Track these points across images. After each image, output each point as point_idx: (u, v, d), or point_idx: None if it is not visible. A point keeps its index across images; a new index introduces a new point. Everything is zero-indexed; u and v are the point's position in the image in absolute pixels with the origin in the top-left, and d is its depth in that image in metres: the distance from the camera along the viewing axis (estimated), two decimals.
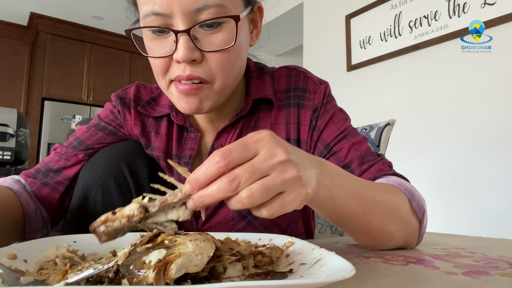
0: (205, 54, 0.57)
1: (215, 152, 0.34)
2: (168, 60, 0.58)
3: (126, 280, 0.31)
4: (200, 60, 0.56)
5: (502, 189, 1.84)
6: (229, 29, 0.57)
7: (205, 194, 0.34)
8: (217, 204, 0.71)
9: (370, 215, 0.50)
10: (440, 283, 0.37)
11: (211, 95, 0.60)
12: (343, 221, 0.50)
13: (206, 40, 0.56)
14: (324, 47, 2.94)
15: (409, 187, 0.59)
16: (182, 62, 0.56)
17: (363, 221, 0.50)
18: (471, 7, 2.01)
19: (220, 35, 0.56)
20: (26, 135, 2.33)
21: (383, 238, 0.54)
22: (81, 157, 0.72)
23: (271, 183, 0.34)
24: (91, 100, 4.95)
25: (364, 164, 0.64)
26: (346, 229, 0.53)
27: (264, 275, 0.37)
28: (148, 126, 0.75)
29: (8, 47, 4.75)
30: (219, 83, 0.59)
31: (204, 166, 0.34)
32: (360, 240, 0.56)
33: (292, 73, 0.74)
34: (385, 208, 0.52)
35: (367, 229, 0.52)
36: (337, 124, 0.68)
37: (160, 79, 0.61)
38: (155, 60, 0.59)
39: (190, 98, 0.59)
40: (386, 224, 0.53)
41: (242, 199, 0.33)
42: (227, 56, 0.58)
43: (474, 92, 1.98)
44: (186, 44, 0.54)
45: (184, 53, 0.54)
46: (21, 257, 0.38)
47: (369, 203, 0.50)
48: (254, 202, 0.33)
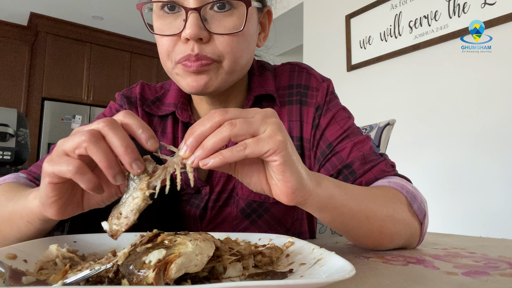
0: (213, 35, 0.57)
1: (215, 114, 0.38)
2: (176, 39, 0.58)
3: (126, 280, 0.31)
4: (207, 40, 0.57)
5: (502, 189, 1.84)
6: (239, 14, 0.58)
7: (195, 125, 0.37)
8: (222, 203, 0.71)
9: (371, 217, 0.51)
10: (440, 283, 0.37)
11: (220, 73, 0.60)
12: (345, 223, 0.50)
13: (216, 22, 0.57)
14: (324, 47, 2.94)
15: (410, 189, 0.59)
16: (190, 39, 0.56)
17: (364, 223, 0.51)
18: (471, 7, 2.01)
19: (229, 19, 0.57)
20: (26, 135, 2.33)
21: (384, 240, 0.54)
22: None
23: (253, 119, 0.38)
24: (91, 100, 4.95)
25: (366, 165, 0.64)
26: (349, 233, 0.53)
27: (264, 275, 0.37)
28: (154, 125, 0.75)
29: (8, 47, 4.75)
30: (228, 62, 0.59)
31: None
32: (361, 243, 0.56)
33: (295, 69, 0.74)
34: (386, 210, 0.52)
35: (368, 231, 0.52)
36: (340, 123, 0.68)
37: (166, 60, 0.61)
38: (162, 39, 0.59)
39: (199, 75, 0.59)
40: (387, 226, 0.53)
41: (225, 125, 0.36)
42: (235, 40, 0.58)
43: (474, 92, 1.98)
44: (195, 21, 0.55)
45: (193, 29, 0.54)
46: (21, 257, 0.38)
47: (370, 205, 0.51)
48: (233, 129, 0.36)
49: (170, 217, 0.73)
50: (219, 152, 0.37)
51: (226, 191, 0.71)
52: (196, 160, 0.37)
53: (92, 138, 0.35)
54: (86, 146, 0.35)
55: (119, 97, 0.77)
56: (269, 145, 0.37)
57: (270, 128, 0.38)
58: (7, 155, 2.21)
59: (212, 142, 0.36)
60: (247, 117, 0.38)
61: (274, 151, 0.37)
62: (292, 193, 0.40)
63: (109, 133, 0.36)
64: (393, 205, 0.54)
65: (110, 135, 0.36)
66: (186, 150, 0.37)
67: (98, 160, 0.36)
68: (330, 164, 0.66)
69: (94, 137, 0.36)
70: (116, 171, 0.37)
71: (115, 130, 0.36)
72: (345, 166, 0.64)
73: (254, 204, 0.70)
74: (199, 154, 0.37)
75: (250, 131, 0.37)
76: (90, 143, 0.35)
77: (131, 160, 0.36)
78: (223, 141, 0.36)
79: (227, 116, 0.37)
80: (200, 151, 0.37)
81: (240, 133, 0.36)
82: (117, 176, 0.37)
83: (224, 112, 0.37)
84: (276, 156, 0.37)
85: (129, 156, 0.36)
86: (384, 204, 0.53)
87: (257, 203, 0.70)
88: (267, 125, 0.38)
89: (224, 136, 0.36)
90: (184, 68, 0.58)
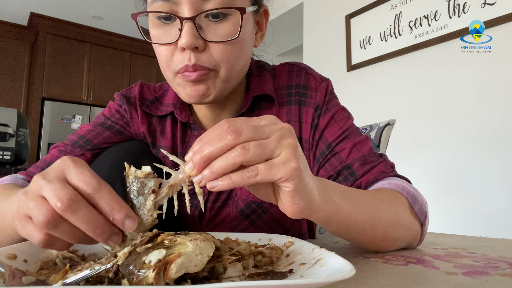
0: (208, 44, 0.57)
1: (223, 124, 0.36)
2: (173, 48, 0.58)
3: (126, 280, 0.31)
4: (203, 48, 0.57)
5: (502, 189, 1.84)
6: (234, 22, 0.57)
7: (204, 144, 0.35)
8: (220, 204, 0.71)
9: (376, 225, 0.51)
10: (440, 283, 0.37)
11: (217, 82, 0.60)
12: (350, 233, 0.50)
13: (211, 30, 0.57)
14: (324, 47, 2.94)
15: (411, 191, 0.59)
16: (186, 49, 0.56)
17: (369, 232, 0.51)
18: (471, 7, 2.01)
19: (224, 27, 0.57)
20: (26, 135, 2.33)
21: (387, 244, 0.55)
22: (89, 156, 0.71)
23: (267, 142, 0.36)
24: (91, 100, 4.95)
25: (366, 165, 0.64)
26: (353, 240, 0.53)
27: (264, 275, 0.37)
28: (153, 125, 0.75)
29: (8, 47, 4.75)
30: (224, 71, 0.59)
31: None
32: (363, 247, 0.57)
33: (294, 69, 0.74)
34: (389, 216, 0.53)
35: (372, 238, 0.52)
36: (339, 123, 0.68)
37: (166, 69, 0.61)
38: (159, 48, 0.59)
39: (197, 85, 0.59)
40: (390, 232, 0.53)
41: (237, 150, 0.34)
42: (230, 48, 0.58)
43: (474, 92, 1.98)
44: (190, 31, 0.54)
45: (188, 39, 0.54)
46: (21, 257, 0.38)
47: (374, 214, 0.51)
48: (246, 155, 0.34)
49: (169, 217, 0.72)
50: (228, 176, 0.35)
51: (225, 192, 0.71)
52: (204, 180, 0.35)
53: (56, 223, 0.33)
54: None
55: (118, 97, 0.77)
56: (282, 173, 0.35)
57: (284, 153, 0.36)
58: (7, 155, 2.21)
59: (223, 166, 0.34)
60: (262, 137, 0.36)
61: (286, 179, 0.35)
62: (298, 212, 0.39)
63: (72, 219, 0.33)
64: (396, 210, 0.54)
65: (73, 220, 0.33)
66: (193, 169, 0.35)
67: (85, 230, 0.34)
68: (330, 164, 0.66)
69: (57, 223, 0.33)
70: (107, 236, 0.35)
71: (74, 216, 0.33)
72: (344, 167, 0.64)
73: (253, 204, 0.70)
74: (207, 175, 0.35)
75: (264, 156, 0.35)
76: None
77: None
78: (233, 166, 0.34)
79: (240, 139, 0.34)
80: (208, 172, 0.35)
81: (253, 159, 0.35)
82: (112, 237, 0.35)
83: (236, 132, 0.35)
84: (288, 183, 0.36)
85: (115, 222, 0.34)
86: (387, 210, 0.53)
87: (256, 204, 0.70)
88: (282, 148, 0.36)
89: (236, 162, 0.34)
90: (183, 78, 0.58)
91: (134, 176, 0.36)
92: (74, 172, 0.35)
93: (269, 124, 0.37)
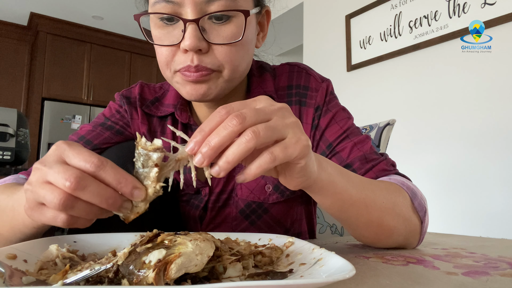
0: (211, 46, 0.57)
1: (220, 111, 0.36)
2: (174, 49, 0.58)
3: (126, 280, 0.31)
4: (206, 50, 0.57)
5: (502, 189, 1.84)
6: (237, 24, 0.57)
7: (211, 135, 0.34)
8: (221, 204, 0.71)
9: (370, 207, 0.51)
10: (440, 283, 0.37)
11: (219, 82, 0.60)
12: (344, 210, 0.50)
13: (214, 32, 0.57)
14: (324, 47, 2.94)
15: (411, 186, 0.59)
16: (189, 51, 0.56)
17: (363, 212, 0.51)
18: (471, 7, 2.01)
19: (228, 29, 0.57)
20: (26, 135, 2.33)
21: (383, 232, 0.54)
22: None
23: (274, 124, 0.35)
24: (91, 100, 4.95)
25: (367, 164, 0.64)
26: (347, 221, 0.53)
27: (264, 275, 0.37)
28: (153, 125, 0.75)
29: (8, 47, 4.75)
30: (228, 72, 0.59)
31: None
32: (359, 234, 0.56)
33: (294, 70, 0.74)
34: (386, 202, 0.53)
35: (367, 221, 0.52)
36: (340, 123, 0.68)
37: (165, 68, 0.61)
38: (161, 49, 0.59)
39: (198, 85, 0.59)
40: (386, 218, 0.53)
41: (248, 135, 0.34)
42: (234, 49, 0.58)
43: (474, 92, 1.98)
44: (194, 33, 0.54)
45: (192, 41, 0.54)
46: (21, 257, 0.38)
47: (370, 195, 0.51)
48: (258, 139, 0.34)
49: (170, 217, 0.73)
50: (249, 169, 0.35)
51: (225, 192, 0.71)
52: (222, 172, 0.35)
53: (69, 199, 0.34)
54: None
55: (118, 98, 0.77)
56: (297, 152, 0.36)
57: (293, 132, 0.37)
58: (7, 155, 2.21)
59: (238, 154, 0.34)
60: (265, 119, 0.36)
61: (301, 156, 0.37)
62: (301, 184, 0.41)
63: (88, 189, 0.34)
64: (394, 198, 0.54)
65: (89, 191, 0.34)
66: (203, 161, 0.34)
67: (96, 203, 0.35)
68: None
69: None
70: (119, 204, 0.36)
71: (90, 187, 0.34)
72: (345, 166, 0.64)
73: (253, 204, 0.70)
74: (224, 166, 0.34)
75: (274, 137, 0.35)
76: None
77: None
78: (248, 152, 0.34)
79: (246, 123, 0.34)
80: (225, 163, 0.34)
81: (265, 141, 0.34)
82: (124, 204, 0.36)
83: (241, 117, 0.34)
84: (302, 160, 0.37)
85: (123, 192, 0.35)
86: (385, 196, 0.53)
87: (256, 204, 0.70)
88: (289, 128, 0.37)
89: (249, 147, 0.34)
90: (183, 77, 0.58)
91: (142, 148, 0.37)
92: (71, 154, 0.35)
93: (267, 105, 0.38)
